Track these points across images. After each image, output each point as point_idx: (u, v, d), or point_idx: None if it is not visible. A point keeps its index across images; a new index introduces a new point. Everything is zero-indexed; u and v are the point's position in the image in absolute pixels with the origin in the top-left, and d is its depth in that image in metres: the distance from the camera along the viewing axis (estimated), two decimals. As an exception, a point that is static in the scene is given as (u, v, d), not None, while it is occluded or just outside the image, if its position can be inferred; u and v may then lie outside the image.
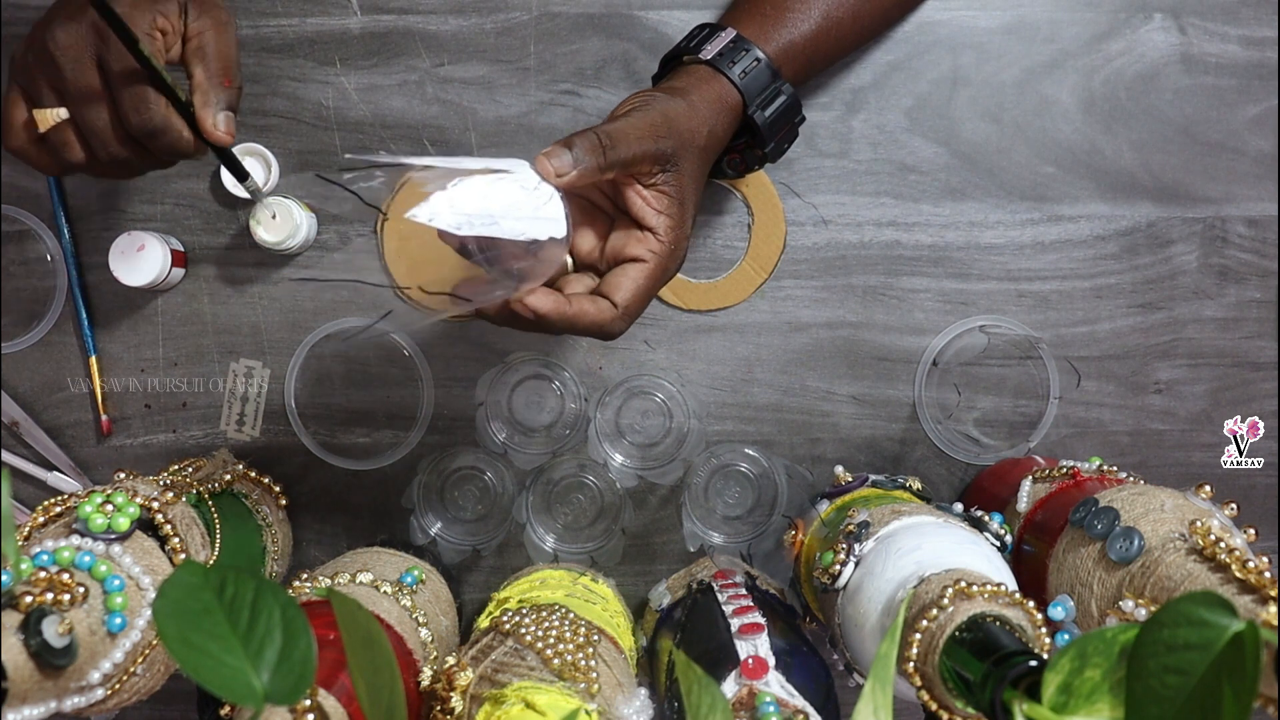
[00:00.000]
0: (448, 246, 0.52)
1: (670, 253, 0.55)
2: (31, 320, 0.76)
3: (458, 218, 0.49)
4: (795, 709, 0.53)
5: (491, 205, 0.50)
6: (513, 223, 0.50)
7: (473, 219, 0.50)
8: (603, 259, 0.57)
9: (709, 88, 0.60)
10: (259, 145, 0.74)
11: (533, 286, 0.52)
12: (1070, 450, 0.78)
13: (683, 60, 0.63)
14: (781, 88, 0.63)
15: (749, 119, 0.62)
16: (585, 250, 0.57)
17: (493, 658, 0.55)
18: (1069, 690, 0.37)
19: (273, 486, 0.74)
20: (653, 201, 0.55)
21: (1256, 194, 0.77)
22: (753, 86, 0.61)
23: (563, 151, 0.51)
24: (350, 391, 0.77)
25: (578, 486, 0.76)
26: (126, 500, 0.54)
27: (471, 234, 0.50)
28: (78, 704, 0.49)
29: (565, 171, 0.51)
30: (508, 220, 0.50)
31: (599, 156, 0.52)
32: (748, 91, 0.61)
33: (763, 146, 0.65)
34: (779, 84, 0.62)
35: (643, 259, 0.55)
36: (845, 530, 0.59)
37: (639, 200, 0.55)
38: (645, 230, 0.55)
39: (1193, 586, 0.50)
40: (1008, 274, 0.77)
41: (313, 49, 0.75)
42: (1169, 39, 0.76)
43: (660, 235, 0.55)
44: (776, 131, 0.64)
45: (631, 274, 0.54)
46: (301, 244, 0.73)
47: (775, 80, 0.62)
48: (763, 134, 0.63)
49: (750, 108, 0.61)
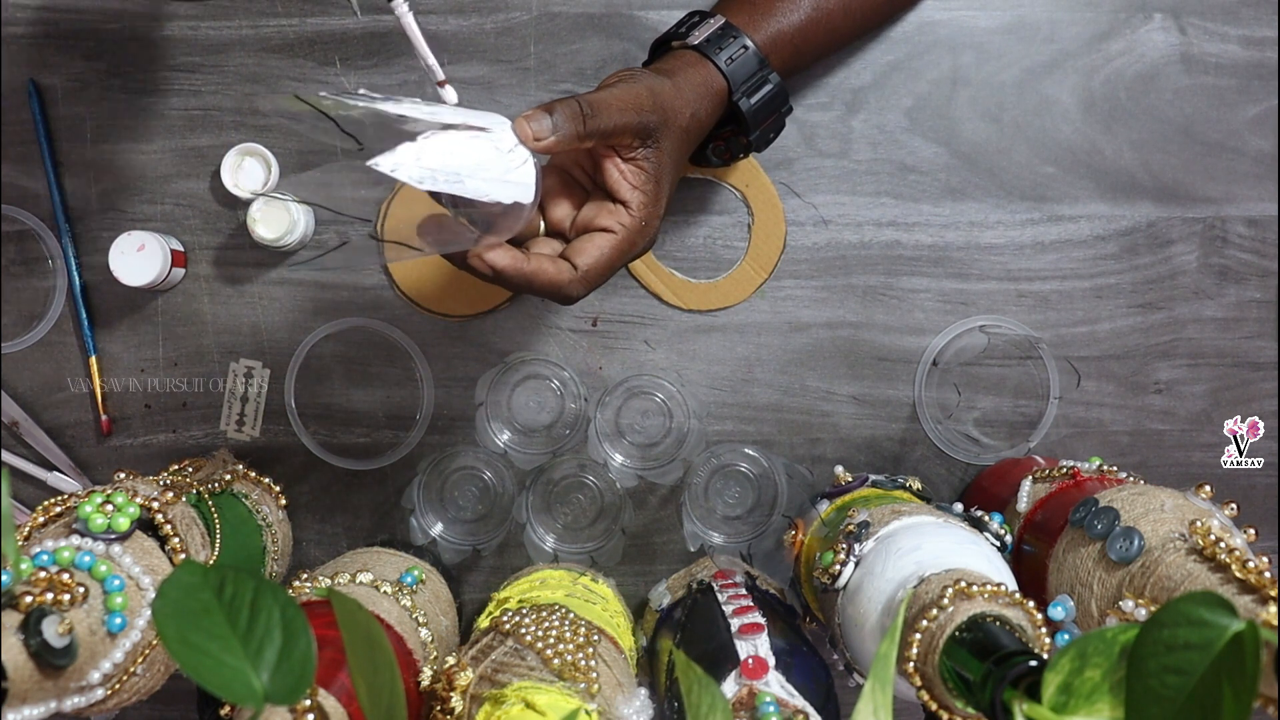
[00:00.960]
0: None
1: (640, 228, 0.55)
2: (31, 320, 0.76)
3: (422, 172, 0.48)
4: (795, 709, 0.53)
5: (460, 163, 0.49)
6: (479, 183, 0.49)
7: (437, 175, 0.49)
8: (573, 228, 0.57)
9: (695, 71, 0.60)
10: (259, 145, 0.74)
11: (493, 243, 0.51)
12: (1070, 450, 0.78)
13: (671, 45, 0.64)
14: (768, 76, 0.63)
15: (734, 106, 0.62)
16: (557, 218, 0.57)
17: (493, 658, 0.55)
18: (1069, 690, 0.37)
19: (273, 486, 0.74)
20: (629, 175, 0.55)
21: (1256, 194, 0.77)
22: (739, 73, 0.61)
23: (543, 116, 0.51)
24: (350, 391, 0.77)
25: (578, 486, 0.76)
26: (126, 500, 0.54)
27: (434, 189, 0.49)
28: (78, 704, 0.49)
29: (544, 136, 0.51)
30: (474, 180, 0.49)
31: (579, 124, 0.51)
32: (733, 78, 0.61)
33: (748, 134, 0.65)
34: (766, 72, 0.63)
35: (612, 230, 0.55)
36: (845, 530, 0.59)
37: (615, 173, 0.55)
38: (618, 203, 0.55)
39: (1193, 586, 0.50)
40: (1008, 274, 0.77)
41: (313, 49, 0.75)
42: (1169, 39, 0.76)
43: (633, 209, 0.55)
44: (761, 120, 0.64)
45: (598, 241, 0.55)
46: (299, 240, 0.73)
47: (762, 68, 0.62)
48: (747, 121, 0.63)
49: (735, 94, 0.62)
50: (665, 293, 0.76)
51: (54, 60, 0.74)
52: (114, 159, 0.75)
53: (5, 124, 0.75)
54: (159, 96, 0.75)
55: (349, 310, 0.76)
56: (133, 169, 0.75)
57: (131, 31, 0.74)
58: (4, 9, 0.74)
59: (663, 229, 0.76)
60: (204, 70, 0.75)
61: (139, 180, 0.75)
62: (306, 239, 0.75)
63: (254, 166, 0.74)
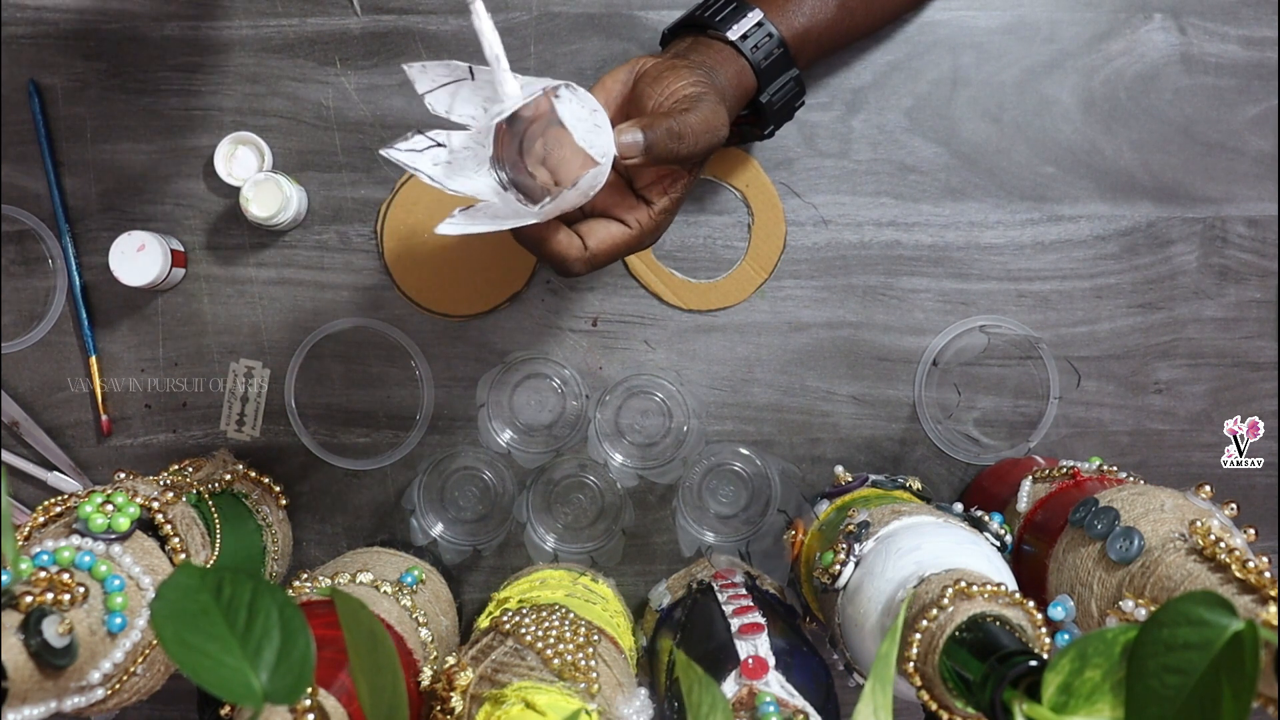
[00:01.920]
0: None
1: (653, 230, 0.56)
2: (31, 320, 0.76)
3: (575, 120, 0.49)
4: (795, 709, 0.53)
5: (582, 120, 0.50)
6: (586, 134, 0.50)
7: (581, 126, 0.50)
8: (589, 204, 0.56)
9: (730, 68, 0.59)
10: (253, 135, 0.74)
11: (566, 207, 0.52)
12: (1070, 450, 0.78)
13: (706, 32, 0.62)
14: (794, 75, 0.62)
15: (755, 101, 0.62)
16: None
17: (493, 658, 0.55)
18: (1069, 690, 0.37)
19: (273, 486, 0.74)
20: (665, 182, 0.55)
21: (1256, 194, 0.77)
22: (770, 72, 0.61)
23: (636, 135, 0.51)
24: (350, 391, 0.77)
25: (578, 486, 0.76)
26: (126, 500, 0.54)
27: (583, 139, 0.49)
28: (78, 704, 0.49)
29: (632, 155, 0.51)
30: (583, 130, 0.50)
31: (669, 151, 0.51)
32: (765, 77, 0.60)
33: (763, 128, 0.64)
34: (792, 71, 0.62)
35: (628, 225, 0.55)
36: (845, 530, 0.59)
37: (653, 175, 0.55)
38: (641, 201, 0.55)
39: (1193, 586, 0.50)
40: (1008, 274, 0.77)
41: (313, 49, 0.75)
42: (1169, 39, 0.76)
43: (654, 212, 0.55)
44: (779, 115, 0.64)
45: (612, 230, 0.55)
46: (292, 219, 0.73)
47: (790, 67, 0.62)
48: (766, 118, 0.63)
49: (764, 94, 0.61)
50: (665, 293, 0.76)
51: (54, 60, 0.74)
52: (114, 159, 0.75)
53: (5, 124, 0.75)
54: (159, 96, 0.75)
55: (349, 310, 0.77)
56: (133, 169, 0.75)
57: (131, 31, 0.74)
58: (4, 9, 0.74)
59: (663, 229, 0.76)
60: (204, 70, 0.75)
61: (139, 180, 0.75)
62: (299, 217, 0.74)
63: (247, 155, 0.74)
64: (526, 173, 0.54)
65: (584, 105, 0.50)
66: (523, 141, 0.54)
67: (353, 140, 0.75)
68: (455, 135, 0.53)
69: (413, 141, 0.53)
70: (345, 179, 0.76)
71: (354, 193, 0.76)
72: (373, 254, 0.76)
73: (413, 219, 0.75)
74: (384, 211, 0.76)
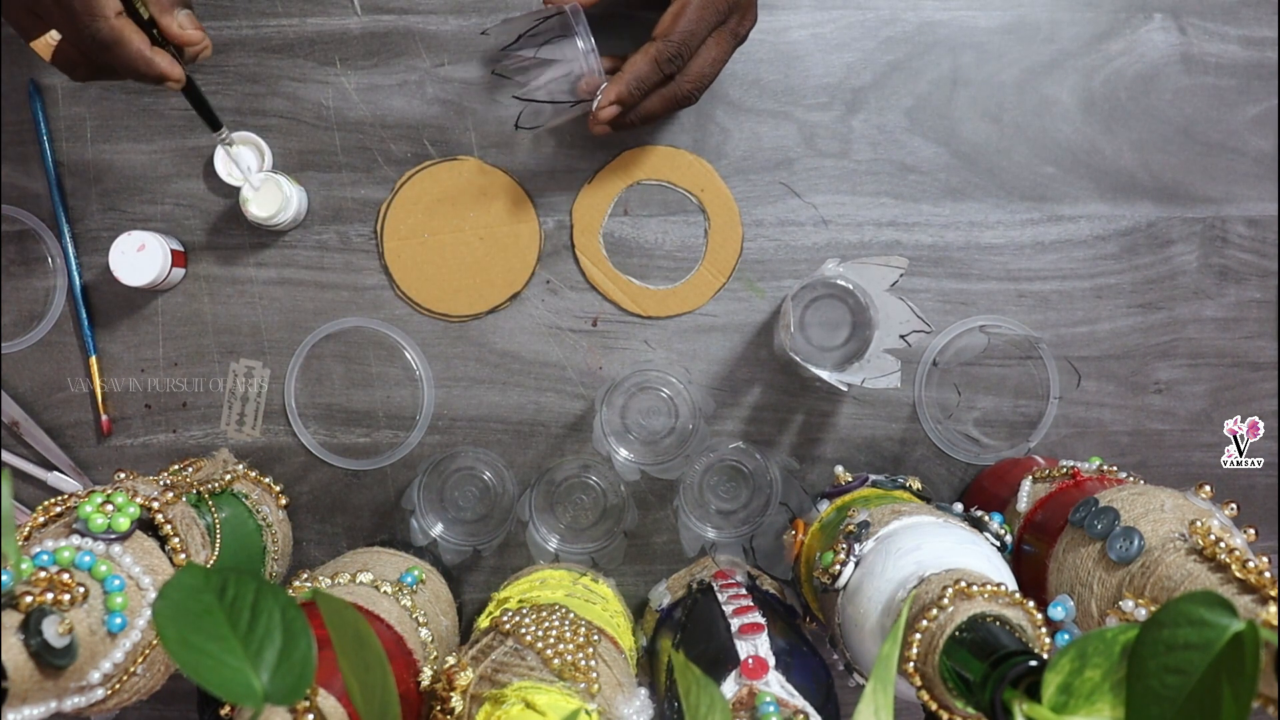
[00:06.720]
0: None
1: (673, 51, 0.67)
2: (31, 320, 0.76)
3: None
4: (795, 709, 0.53)
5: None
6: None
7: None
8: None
9: None
10: (252, 134, 0.74)
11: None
12: (1070, 450, 0.78)
13: None
14: None
15: None
16: None
17: (493, 658, 0.55)
18: (1069, 690, 0.37)
19: (273, 486, 0.74)
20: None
21: (1256, 194, 0.77)
22: None
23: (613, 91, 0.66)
24: (350, 391, 0.77)
25: (581, 487, 0.77)
26: (126, 500, 0.54)
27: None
28: (78, 704, 0.49)
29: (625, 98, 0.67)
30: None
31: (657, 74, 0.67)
32: None
33: None
34: None
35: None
36: (845, 530, 0.59)
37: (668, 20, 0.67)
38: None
39: (1193, 586, 0.50)
40: (1008, 274, 0.77)
41: (313, 49, 0.75)
42: (1169, 39, 0.76)
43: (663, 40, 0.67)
44: None
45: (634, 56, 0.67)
46: (292, 219, 0.73)
47: None
48: None
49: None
50: (624, 300, 0.76)
51: (54, 60, 0.74)
52: (114, 159, 0.75)
53: (5, 124, 0.75)
54: (159, 96, 0.75)
55: (349, 310, 0.77)
56: (133, 169, 0.75)
57: (131, 31, 0.74)
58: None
59: (617, 234, 0.76)
60: (204, 70, 0.74)
61: (139, 180, 0.75)
62: (299, 217, 0.74)
63: (245, 154, 0.74)
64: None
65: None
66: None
67: (353, 140, 0.75)
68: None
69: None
70: (345, 179, 0.76)
71: (354, 193, 0.76)
72: (373, 254, 0.76)
73: (413, 219, 0.75)
74: (384, 211, 0.76)
